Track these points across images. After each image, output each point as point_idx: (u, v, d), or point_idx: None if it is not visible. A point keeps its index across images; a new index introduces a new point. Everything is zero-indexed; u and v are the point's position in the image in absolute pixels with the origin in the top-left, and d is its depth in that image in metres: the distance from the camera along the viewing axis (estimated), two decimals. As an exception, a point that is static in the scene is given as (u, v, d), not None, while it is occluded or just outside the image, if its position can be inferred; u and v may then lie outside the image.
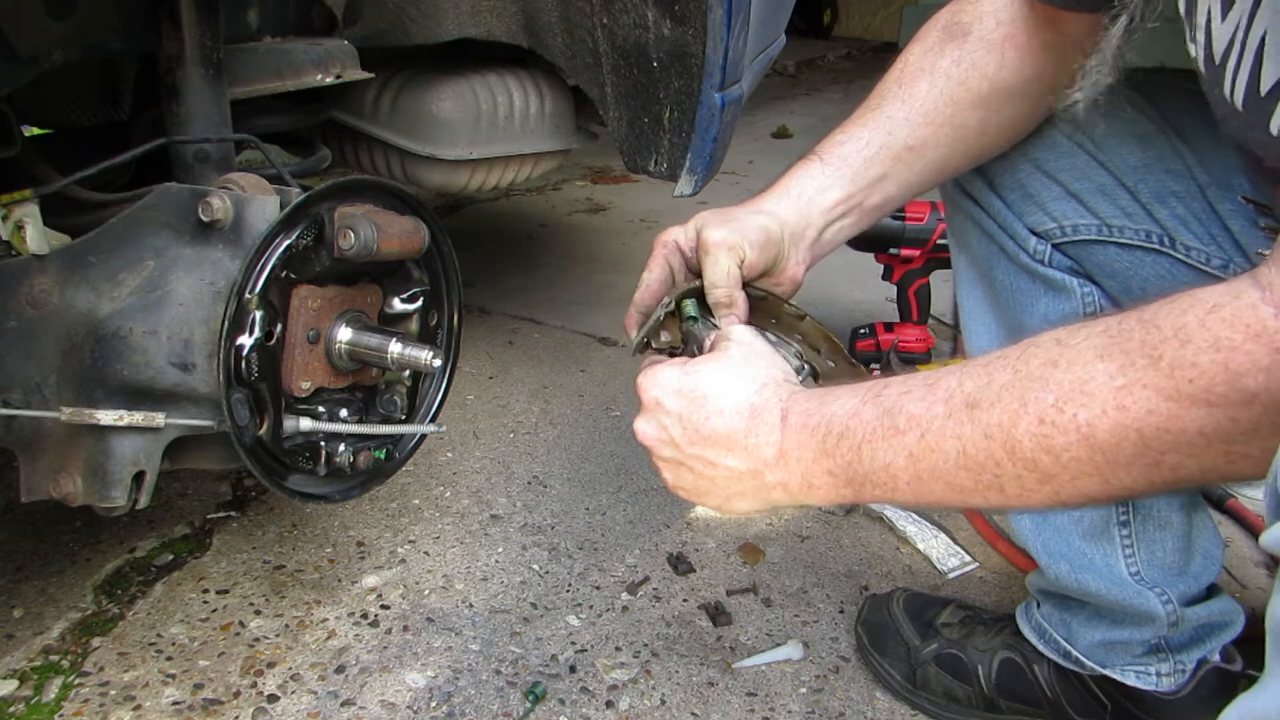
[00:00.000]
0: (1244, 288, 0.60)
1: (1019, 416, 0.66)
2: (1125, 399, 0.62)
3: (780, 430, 0.76)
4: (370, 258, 1.01)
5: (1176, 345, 0.60)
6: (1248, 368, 0.58)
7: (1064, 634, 1.13)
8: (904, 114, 0.97)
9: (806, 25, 7.17)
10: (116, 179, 1.27)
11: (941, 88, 0.96)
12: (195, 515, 1.49)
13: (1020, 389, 0.66)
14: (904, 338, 2.04)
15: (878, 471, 0.72)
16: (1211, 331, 0.60)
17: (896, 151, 0.97)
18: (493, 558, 1.43)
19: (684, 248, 0.96)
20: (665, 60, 1.45)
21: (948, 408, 0.69)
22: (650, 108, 1.50)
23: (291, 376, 1.03)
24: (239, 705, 1.14)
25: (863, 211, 0.99)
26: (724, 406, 0.78)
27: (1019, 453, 0.66)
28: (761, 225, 0.93)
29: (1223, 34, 0.70)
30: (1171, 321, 0.61)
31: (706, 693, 1.20)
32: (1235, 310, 0.59)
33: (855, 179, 0.97)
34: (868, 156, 0.97)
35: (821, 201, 0.96)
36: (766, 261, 0.93)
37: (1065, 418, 0.64)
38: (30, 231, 0.98)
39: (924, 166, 0.98)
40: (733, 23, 1.45)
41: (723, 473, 0.79)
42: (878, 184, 0.97)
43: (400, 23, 1.55)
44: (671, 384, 0.80)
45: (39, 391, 0.97)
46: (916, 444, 0.70)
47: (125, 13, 1.09)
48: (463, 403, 1.88)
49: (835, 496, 0.75)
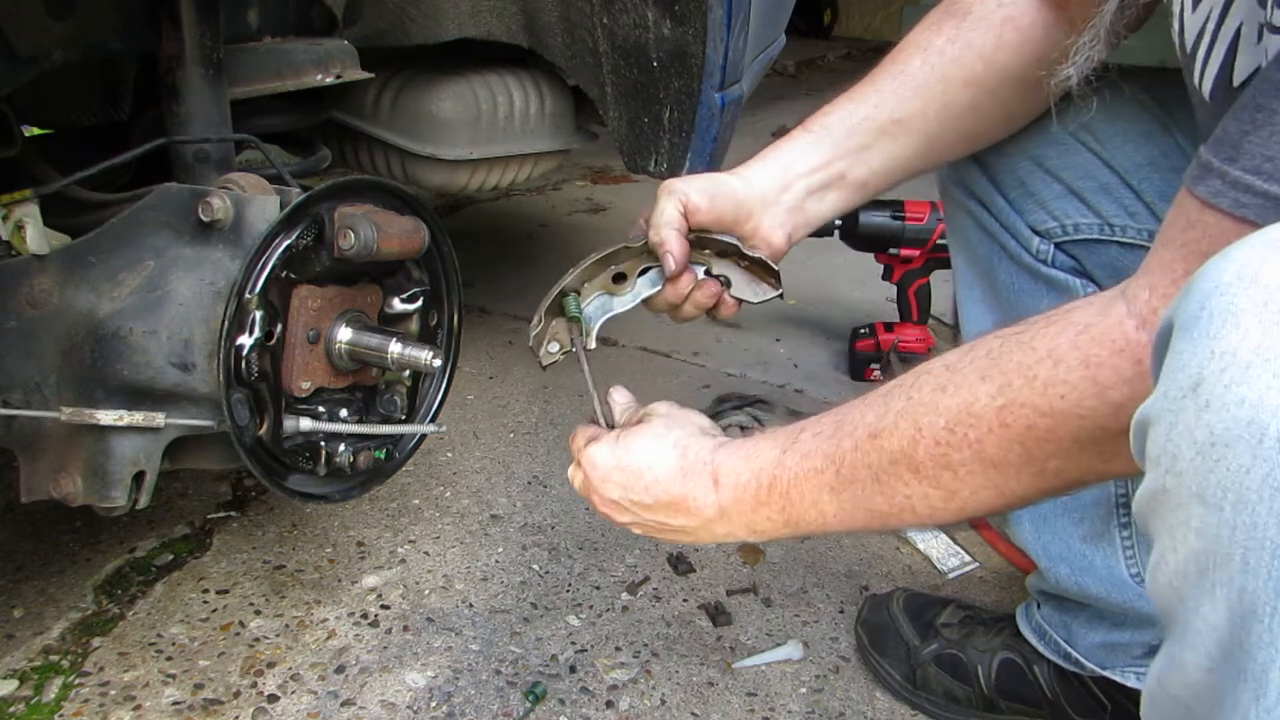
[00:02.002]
0: (1113, 303, 0.65)
1: (917, 441, 0.72)
2: (1007, 416, 0.68)
3: (714, 492, 0.83)
4: (370, 258, 1.00)
5: (1049, 365, 0.66)
6: (1113, 381, 0.64)
7: (1064, 635, 1.13)
8: (893, 88, 0.97)
9: (806, 25, 7.16)
10: (116, 179, 1.27)
11: (934, 64, 0.96)
12: (195, 515, 1.49)
13: (914, 415, 0.72)
14: (904, 338, 2.04)
15: (808, 509, 0.78)
16: (1081, 351, 0.65)
17: (881, 124, 0.97)
18: (493, 558, 1.43)
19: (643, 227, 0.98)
20: (665, 60, 1.45)
21: (854, 441, 0.76)
22: (650, 108, 1.50)
23: (291, 376, 1.03)
24: (239, 705, 1.14)
25: (847, 184, 0.99)
26: (658, 476, 0.85)
27: (923, 472, 0.72)
28: (720, 179, 0.95)
29: (1193, 24, 0.71)
30: (1046, 343, 0.67)
31: (706, 693, 1.20)
32: (1103, 328, 0.65)
33: (836, 146, 0.97)
34: (850, 126, 0.97)
35: (799, 167, 0.97)
36: (720, 213, 0.94)
37: (957, 437, 0.70)
38: (30, 231, 0.98)
39: (911, 142, 0.98)
40: (733, 23, 1.45)
41: (678, 527, 0.86)
42: (860, 155, 0.97)
43: (400, 23, 1.55)
44: (608, 462, 0.87)
45: (39, 391, 0.97)
46: (834, 479, 0.76)
47: (125, 13, 1.09)
48: (463, 403, 1.88)
49: (778, 534, 0.83)
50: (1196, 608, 0.52)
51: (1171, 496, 0.52)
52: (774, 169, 0.97)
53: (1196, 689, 0.53)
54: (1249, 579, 0.48)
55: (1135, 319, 0.64)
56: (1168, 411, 0.52)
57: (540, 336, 0.99)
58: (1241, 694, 0.50)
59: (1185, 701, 0.55)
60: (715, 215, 0.94)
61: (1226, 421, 0.48)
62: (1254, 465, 0.47)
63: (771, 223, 0.96)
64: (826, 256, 2.29)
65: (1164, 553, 0.54)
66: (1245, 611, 0.49)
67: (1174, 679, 0.55)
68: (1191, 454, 0.50)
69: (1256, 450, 0.47)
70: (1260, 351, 0.48)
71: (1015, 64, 0.95)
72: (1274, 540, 0.47)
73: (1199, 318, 0.51)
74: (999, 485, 0.70)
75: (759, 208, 0.96)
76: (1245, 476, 0.47)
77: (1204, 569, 0.51)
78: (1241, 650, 0.50)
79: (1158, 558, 0.54)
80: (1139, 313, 0.64)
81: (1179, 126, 0.94)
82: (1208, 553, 0.50)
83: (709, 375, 2.05)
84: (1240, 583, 0.48)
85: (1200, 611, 0.51)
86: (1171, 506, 0.52)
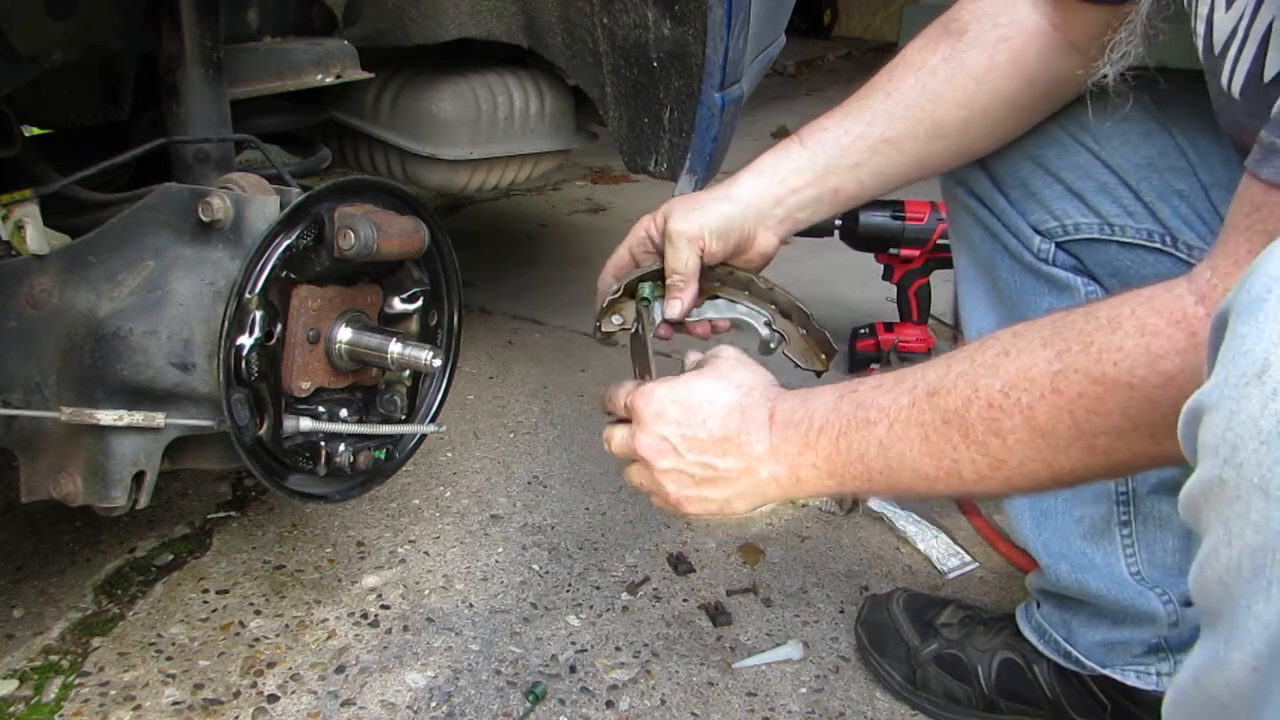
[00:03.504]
0: (1179, 281, 0.65)
1: (971, 402, 0.70)
2: (1060, 383, 0.67)
3: (768, 428, 0.81)
4: (370, 258, 1.00)
5: (1108, 331, 0.65)
6: (1166, 350, 0.63)
7: (1064, 634, 1.13)
8: (886, 107, 0.99)
9: (806, 25, 7.16)
10: (116, 179, 1.27)
11: (925, 83, 0.98)
12: (195, 515, 1.49)
13: (973, 376, 0.71)
14: (904, 338, 2.04)
15: (854, 462, 0.77)
16: (1139, 318, 0.64)
17: (873, 142, 0.99)
18: (493, 558, 1.43)
19: (653, 234, 1.02)
20: (665, 60, 1.45)
21: (912, 398, 0.74)
22: (650, 108, 1.50)
23: (291, 376, 1.03)
24: (239, 705, 1.14)
25: (837, 197, 1.02)
26: (716, 410, 0.83)
27: (972, 436, 0.70)
28: (723, 213, 0.99)
29: (1225, 24, 0.71)
30: (1109, 311, 0.66)
31: (706, 693, 1.20)
32: (1165, 300, 0.64)
33: (829, 165, 1.00)
34: (844, 145, 0.99)
35: (793, 182, 1.00)
36: (728, 246, 1.00)
37: (1010, 401, 0.69)
38: (30, 231, 0.98)
39: (900, 160, 1.00)
40: (733, 23, 1.45)
41: (721, 474, 0.83)
42: (851, 172, 1.00)
43: (400, 23, 1.55)
44: (666, 397, 0.85)
45: (39, 391, 0.97)
46: (885, 433, 0.75)
47: (125, 13, 1.09)
48: (463, 403, 1.88)
49: (822, 488, 0.80)
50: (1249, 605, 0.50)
51: (1229, 488, 0.50)
52: (769, 183, 1.01)
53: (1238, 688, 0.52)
54: None
55: (1195, 295, 0.63)
56: (1228, 398, 0.49)
57: (614, 304, 1.05)
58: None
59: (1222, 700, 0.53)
60: (724, 251, 1.00)
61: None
62: None
63: (766, 234, 1.02)
64: (826, 256, 2.29)
65: (1217, 546, 0.51)
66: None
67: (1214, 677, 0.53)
68: (1255, 444, 0.47)
69: None
70: None
71: (1007, 85, 0.96)
72: None
73: (1265, 300, 0.49)
74: (1047, 458, 0.69)
75: (755, 224, 1.01)
76: None
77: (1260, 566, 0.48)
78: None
79: (1209, 551, 0.52)
80: (1199, 289, 0.63)
81: (1177, 127, 0.94)
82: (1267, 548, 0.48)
83: (709, 375, 2.05)
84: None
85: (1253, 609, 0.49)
86: (1229, 498, 0.50)
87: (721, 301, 1.06)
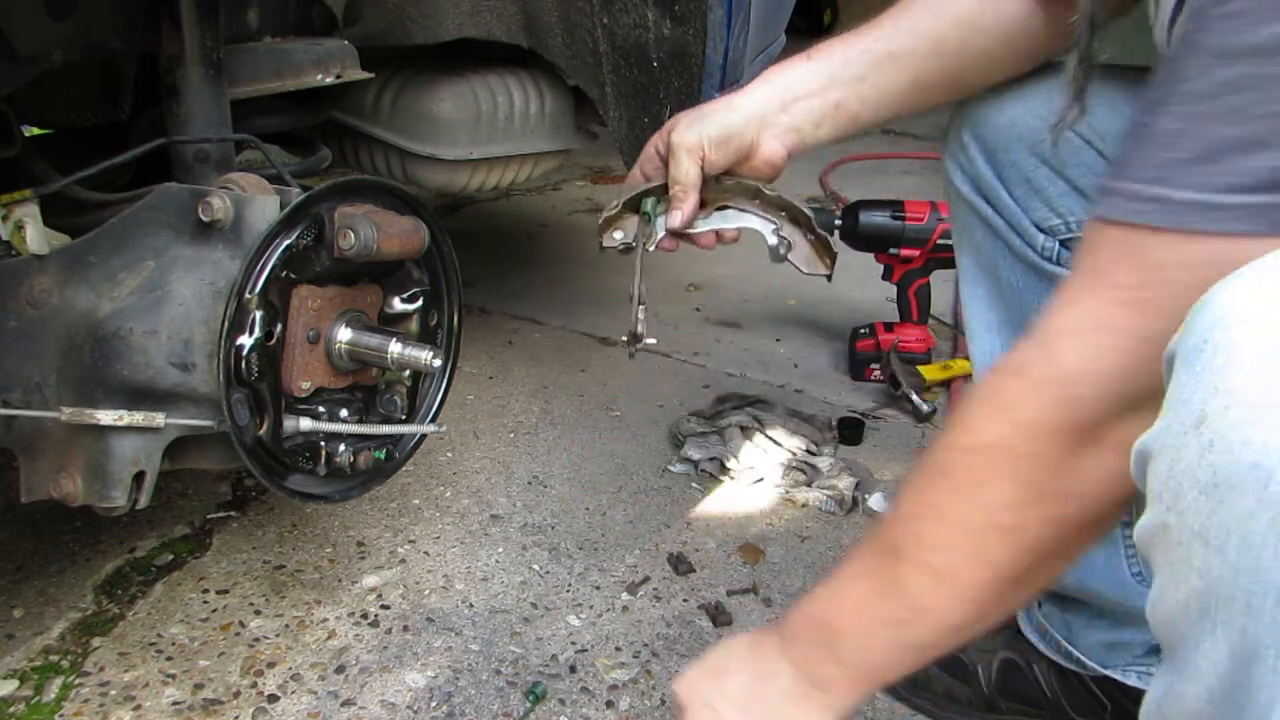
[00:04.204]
0: None
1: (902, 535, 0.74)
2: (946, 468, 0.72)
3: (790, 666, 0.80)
4: (370, 258, 1.00)
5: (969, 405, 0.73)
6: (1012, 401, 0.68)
7: (1064, 634, 1.12)
8: (892, 22, 1.01)
9: (806, 25, 7.14)
10: (116, 179, 1.27)
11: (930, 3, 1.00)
12: (195, 515, 1.49)
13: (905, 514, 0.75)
14: (904, 338, 2.04)
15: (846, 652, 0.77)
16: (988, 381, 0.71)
17: (877, 55, 1.01)
18: (493, 558, 1.43)
19: (660, 149, 1.05)
20: (665, 60, 1.45)
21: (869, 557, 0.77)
22: (650, 108, 1.50)
23: (291, 376, 1.03)
24: (239, 705, 1.14)
25: (840, 114, 1.02)
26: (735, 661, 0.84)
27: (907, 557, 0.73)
28: (724, 121, 1.01)
29: None
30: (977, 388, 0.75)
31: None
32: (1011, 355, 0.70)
33: (834, 74, 1.01)
34: (849, 57, 1.01)
35: (797, 90, 1.02)
36: (729, 154, 1.01)
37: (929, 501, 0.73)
38: (30, 231, 0.98)
39: (900, 76, 1.01)
40: (733, 23, 1.45)
41: None
42: (854, 86, 1.01)
43: (400, 23, 1.55)
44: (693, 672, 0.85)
45: (39, 391, 0.97)
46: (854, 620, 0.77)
47: (125, 13, 1.09)
48: (463, 403, 1.88)
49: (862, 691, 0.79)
50: (1197, 644, 0.51)
51: (1173, 533, 0.51)
52: (774, 90, 1.02)
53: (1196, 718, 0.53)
54: (1251, 621, 0.48)
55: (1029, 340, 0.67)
56: (1169, 446, 0.51)
57: (612, 219, 1.08)
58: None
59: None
60: (725, 160, 1.02)
61: (1231, 464, 0.47)
62: (1259, 510, 0.46)
63: (771, 141, 1.02)
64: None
65: (1164, 588, 0.53)
66: (1248, 653, 0.48)
67: (1174, 707, 0.55)
68: (1195, 494, 0.49)
69: (1261, 495, 0.46)
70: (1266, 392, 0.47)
71: (1008, 10, 0.97)
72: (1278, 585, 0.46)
73: (1202, 350, 0.50)
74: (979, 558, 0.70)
75: (758, 130, 1.02)
76: (1250, 521, 0.46)
77: (1205, 608, 0.50)
78: (1243, 690, 0.49)
79: (1158, 592, 0.54)
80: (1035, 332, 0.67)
81: None
82: (1209, 593, 0.49)
83: (709, 375, 2.05)
84: (1242, 624, 0.48)
85: (1201, 648, 0.51)
86: (1173, 543, 0.51)
87: (731, 211, 1.07)
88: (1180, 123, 0.57)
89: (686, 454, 1.68)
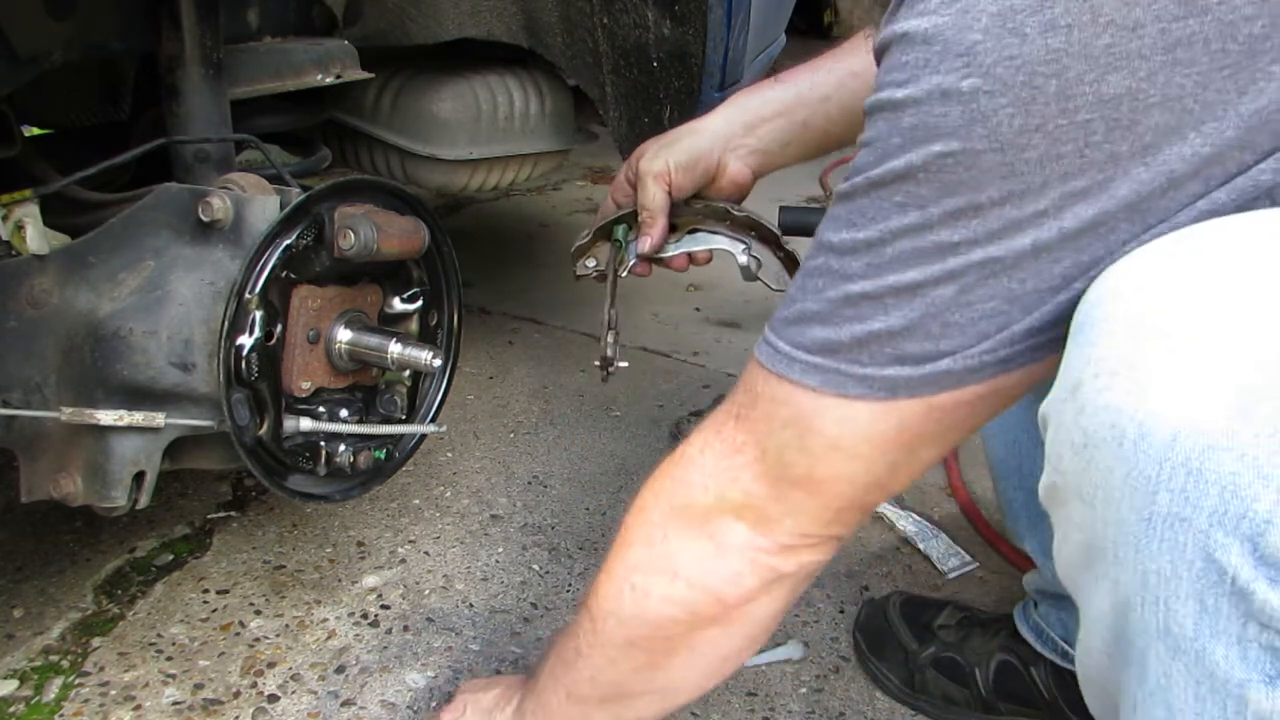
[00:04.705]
0: None
1: None
2: None
3: None
4: (370, 258, 1.01)
5: None
6: None
7: (1061, 633, 1.13)
8: (852, 45, 1.03)
9: (806, 25, 7.14)
10: (116, 179, 1.27)
11: None
12: (195, 515, 1.49)
13: None
14: (904, 338, 2.04)
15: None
16: None
17: (841, 76, 1.03)
18: (493, 558, 1.43)
19: (628, 178, 1.08)
20: (665, 60, 1.45)
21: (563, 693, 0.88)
22: (650, 108, 1.50)
23: (291, 376, 1.03)
24: (239, 705, 1.14)
25: (806, 132, 1.05)
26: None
27: None
28: (689, 146, 1.04)
29: None
30: None
31: (707, 692, 1.20)
32: None
33: (800, 96, 1.04)
34: (815, 79, 1.04)
35: (763, 112, 1.05)
36: (695, 177, 1.05)
37: None
38: (30, 231, 0.98)
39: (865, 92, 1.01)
40: (733, 23, 1.45)
41: None
42: (820, 105, 1.04)
43: (400, 23, 1.55)
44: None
45: (39, 391, 0.97)
46: None
47: (125, 13, 1.09)
48: (463, 403, 1.88)
49: None
50: (1089, 597, 0.56)
51: (1059, 492, 0.56)
52: (740, 113, 1.05)
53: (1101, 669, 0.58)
54: (1120, 570, 0.51)
55: None
56: (1054, 411, 0.55)
57: (584, 248, 1.13)
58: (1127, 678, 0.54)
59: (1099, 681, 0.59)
60: (692, 183, 1.05)
61: (1095, 426, 0.51)
62: (1116, 466, 0.50)
63: (737, 162, 1.05)
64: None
65: (1060, 544, 0.59)
66: (1121, 601, 0.52)
67: (1085, 661, 0.60)
68: (1070, 454, 0.53)
69: (1117, 453, 0.50)
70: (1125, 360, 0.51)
71: None
72: (1135, 535, 0.50)
73: (1083, 325, 0.54)
74: None
75: (723, 151, 1.05)
76: (1110, 476, 0.50)
77: (1088, 561, 0.55)
78: (1124, 638, 0.53)
79: (1055, 547, 0.59)
80: None
81: None
82: (1089, 545, 0.54)
83: (709, 375, 2.05)
84: (1114, 575, 0.52)
85: (1092, 601, 0.56)
86: (1060, 500, 0.56)
87: (701, 233, 1.10)
88: (794, 289, 0.69)
89: (686, 454, 1.68)
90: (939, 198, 0.58)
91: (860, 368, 0.64)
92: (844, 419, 0.66)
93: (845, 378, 0.64)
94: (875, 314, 0.62)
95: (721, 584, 0.76)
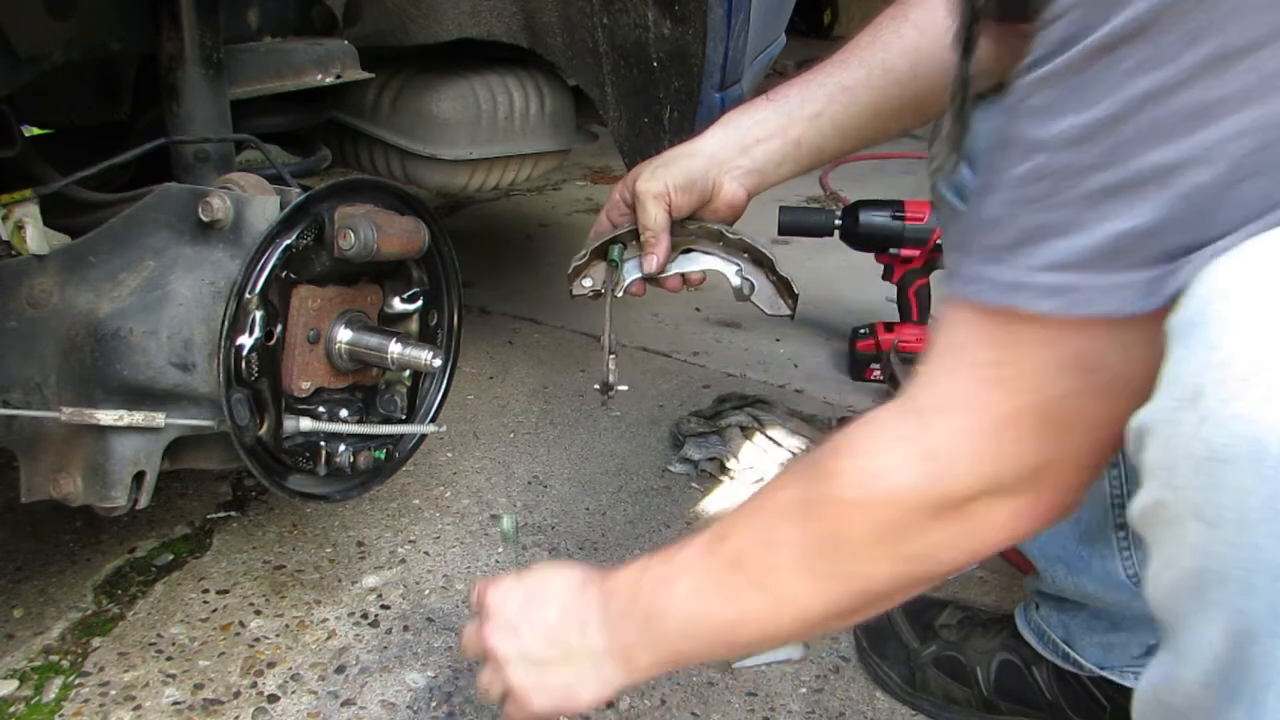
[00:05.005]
0: None
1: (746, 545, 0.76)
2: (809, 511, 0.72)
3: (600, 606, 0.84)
4: (370, 258, 1.01)
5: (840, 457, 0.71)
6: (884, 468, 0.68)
7: (1062, 635, 1.13)
8: (841, 58, 1.03)
9: (806, 25, 7.15)
10: (116, 179, 1.27)
11: (876, 35, 1.02)
12: (195, 515, 1.49)
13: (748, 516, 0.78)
14: (904, 338, 2.04)
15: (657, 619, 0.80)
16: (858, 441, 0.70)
17: (831, 91, 1.02)
18: (493, 558, 1.43)
19: (625, 197, 1.08)
20: (665, 60, 1.45)
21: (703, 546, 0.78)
22: (650, 108, 1.50)
23: (291, 376, 1.03)
24: (239, 705, 1.14)
25: (800, 150, 1.04)
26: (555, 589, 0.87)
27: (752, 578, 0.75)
28: (686, 168, 1.04)
29: None
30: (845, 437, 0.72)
31: (706, 693, 1.20)
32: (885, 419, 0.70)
33: (791, 115, 1.03)
34: (805, 96, 1.03)
35: (757, 133, 1.04)
36: (692, 198, 1.04)
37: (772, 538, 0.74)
38: (30, 231, 0.98)
39: (857, 110, 1.02)
40: (733, 23, 1.45)
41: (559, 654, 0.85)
42: (812, 122, 1.03)
43: (400, 23, 1.55)
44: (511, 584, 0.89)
45: (39, 391, 0.97)
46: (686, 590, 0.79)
47: (125, 13, 1.09)
48: (463, 403, 1.88)
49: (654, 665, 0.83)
50: (1192, 625, 0.51)
51: (1169, 510, 0.51)
52: (734, 133, 1.05)
53: (1193, 701, 0.53)
54: (1249, 601, 0.47)
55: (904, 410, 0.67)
56: (1164, 422, 0.50)
57: (580, 269, 1.13)
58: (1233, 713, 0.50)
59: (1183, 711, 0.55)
60: (690, 204, 1.05)
61: (1226, 438, 0.46)
62: (1256, 485, 0.45)
63: (731, 184, 1.05)
64: (826, 256, 2.29)
65: (1161, 567, 0.53)
66: (1243, 633, 0.48)
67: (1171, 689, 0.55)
68: (1190, 469, 0.48)
69: (1258, 470, 0.45)
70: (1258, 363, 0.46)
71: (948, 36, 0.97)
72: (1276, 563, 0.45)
73: (1197, 324, 0.49)
74: (816, 590, 0.72)
75: (718, 173, 1.04)
76: (1247, 497, 0.46)
77: (1201, 587, 0.50)
78: (1238, 671, 0.49)
79: (1155, 571, 0.54)
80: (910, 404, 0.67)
81: None
82: (1205, 570, 0.49)
83: (709, 375, 2.05)
84: (1240, 604, 0.48)
85: (1196, 629, 0.51)
86: (1169, 520, 0.51)
87: (695, 254, 1.10)
88: (995, 207, 0.59)
89: (686, 454, 1.68)
90: (1182, 49, 0.49)
91: (1128, 273, 0.54)
92: (1126, 342, 0.55)
93: (1125, 291, 0.54)
94: (1127, 209, 0.53)
95: None
